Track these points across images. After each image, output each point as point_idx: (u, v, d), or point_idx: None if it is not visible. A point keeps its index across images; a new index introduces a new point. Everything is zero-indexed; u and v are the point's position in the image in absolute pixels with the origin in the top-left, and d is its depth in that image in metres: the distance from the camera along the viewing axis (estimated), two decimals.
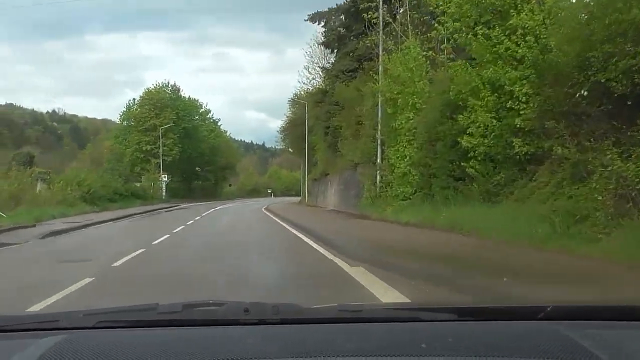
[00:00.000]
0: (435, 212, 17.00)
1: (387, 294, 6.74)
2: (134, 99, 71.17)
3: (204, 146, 79.19)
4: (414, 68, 21.14)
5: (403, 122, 21.11)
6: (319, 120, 34.40)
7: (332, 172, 34.69)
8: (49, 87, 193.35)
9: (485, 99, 15.11)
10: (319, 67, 44.07)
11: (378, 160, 24.19)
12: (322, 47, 39.59)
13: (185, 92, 77.73)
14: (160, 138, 65.27)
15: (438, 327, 1.73)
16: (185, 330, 1.70)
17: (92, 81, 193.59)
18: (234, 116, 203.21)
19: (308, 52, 55.11)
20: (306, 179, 51.89)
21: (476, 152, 15.65)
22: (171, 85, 73.91)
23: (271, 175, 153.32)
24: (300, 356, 1.46)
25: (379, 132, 24.03)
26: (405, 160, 21.05)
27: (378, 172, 24.21)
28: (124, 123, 71.13)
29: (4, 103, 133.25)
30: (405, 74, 21.17)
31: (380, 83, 23.39)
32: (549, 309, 1.77)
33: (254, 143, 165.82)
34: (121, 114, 70.77)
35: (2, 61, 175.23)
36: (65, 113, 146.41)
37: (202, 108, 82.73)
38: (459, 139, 16.07)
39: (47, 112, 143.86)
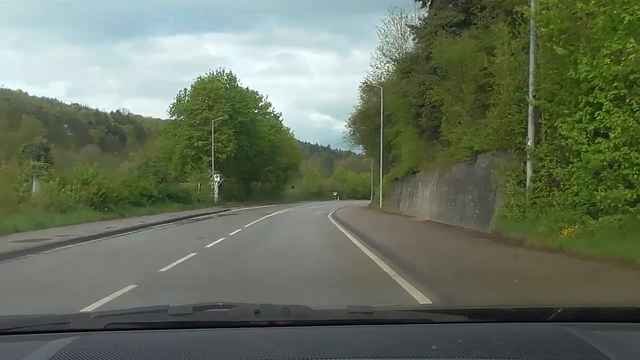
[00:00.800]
0: None
1: None
2: (185, 90, 63.40)
3: (263, 143, 70.59)
4: None
5: (599, 65, 10.87)
6: (409, 97, 24.40)
7: (425, 168, 24.66)
8: (115, 88, 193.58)
9: None
10: (406, 24, 34.25)
11: (529, 143, 14.04)
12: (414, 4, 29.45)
13: (243, 83, 68.92)
14: (212, 132, 56.97)
15: (449, 328, 1.72)
16: (196, 332, 1.68)
17: (158, 82, 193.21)
18: (299, 118, 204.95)
19: (382, 31, 45.54)
20: (381, 179, 42.02)
21: None
22: (226, 74, 65.67)
23: (336, 177, 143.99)
24: (311, 357, 1.45)
25: (530, 94, 13.90)
26: (606, 140, 10.84)
27: (528, 161, 14.10)
28: (174, 117, 63.43)
29: (69, 103, 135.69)
30: None
31: (535, 5, 13.30)
32: (559, 310, 1.77)
33: (319, 145, 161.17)
34: (171, 106, 63.14)
35: (71, 62, 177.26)
36: (129, 113, 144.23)
37: (261, 101, 74.30)
38: None
39: (112, 112, 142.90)
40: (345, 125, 62.13)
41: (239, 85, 66.73)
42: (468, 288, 7.74)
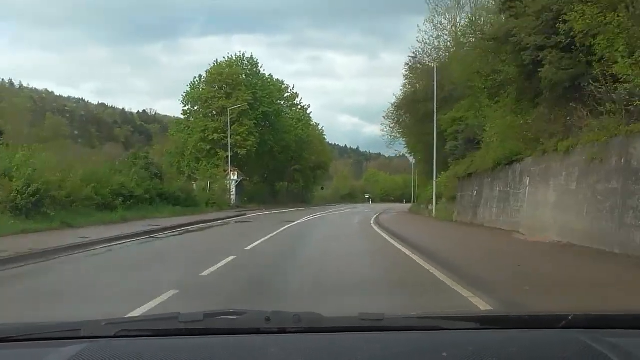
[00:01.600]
0: None
1: None
2: (200, 76, 54.62)
3: (289, 138, 61.55)
4: None
5: None
6: (508, 51, 14.98)
7: (542, 153, 15.05)
8: (144, 89, 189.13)
9: None
10: None
11: None
12: None
13: (266, 69, 60.06)
14: (229, 123, 48.13)
15: (459, 335, 1.70)
16: (206, 339, 1.67)
17: (187, 84, 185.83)
18: (328, 120, 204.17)
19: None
20: (435, 177, 32.51)
21: None
22: (247, 58, 56.76)
23: (368, 178, 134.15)
24: None
25: None
26: None
27: None
28: (187, 107, 54.76)
29: (96, 103, 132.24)
30: None
31: None
32: (570, 317, 1.74)
33: (348, 147, 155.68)
34: (184, 94, 54.47)
35: (101, 63, 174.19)
36: (156, 113, 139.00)
37: (287, 91, 65.29)
38: None
39: (138, 112, 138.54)
40: (384, 117, 52.71)
41: (262, 72, 57.85)
42: None
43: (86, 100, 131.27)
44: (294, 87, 67.54)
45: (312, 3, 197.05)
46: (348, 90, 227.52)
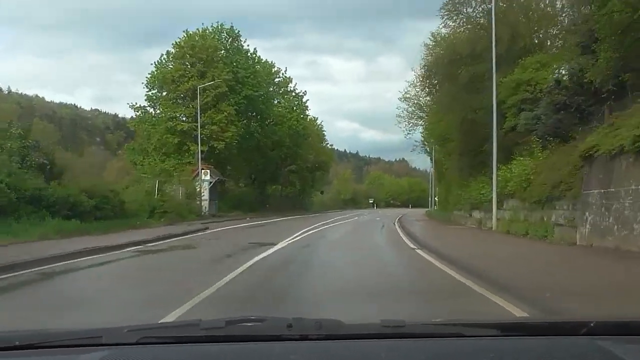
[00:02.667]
0: None
1: None
2: (167, 52, 42.83)
3: (282, 131, 49.79)
4: None
5: None
6: None
7: None
8: (142, 95, 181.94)
9: None
10: None
11: None
12: None
13: (250, 45, 48.20)
14: (198, 106, 36.41)
15: (480, 343, 1.68)
16: (228, 346, 1.67)
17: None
18: (327, 125, 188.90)
19: None
20: (494, 168, 20.68)
21: None
22: (226, 29, 45.00)
23: (372, 182, 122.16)
24: None
25: None
26: None
27: None
28: (153, 92, 42.98)
29: (89, 109, 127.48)
30: None
31: None
32: (592, 324, 1.72)
33: (348, 152, 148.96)
34: (148, 76, 42.70)
35: (98, 70, 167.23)
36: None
37: (279, 75, 53.62)
38: None
39: (131, 117, 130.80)
40: (400, 98, 41.00)
41: (246, 47, 46.12)
42: None
43: (79, 106, 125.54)
44: (286, 71, 54.60)
45: (311, 7, 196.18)
46: (347, 95, 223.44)
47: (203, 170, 35.06)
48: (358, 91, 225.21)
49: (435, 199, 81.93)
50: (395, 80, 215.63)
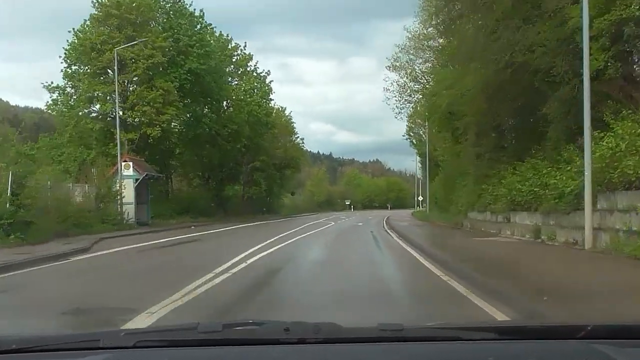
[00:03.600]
0: None
1: None
2: (90, 15, 32.84)
3: (240, 119, 40.24)
4: None
5: None
6: None
7: None
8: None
9: None
10: None
11: None
12: None
13: (196, 7, 38.32)
14: (116, 76, 26.74)
15: (478, 346, 1.66)
16: (225, 349, 1.63)
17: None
18: (300, 128, 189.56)
19: None
20: (588, 144, 11.69)
21: None
22: None
23: (349, 182, 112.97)
24: None
25: None
26: None
27: None
28: (73, 68, 32.98)
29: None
30: None
31: None
32: (589, 328, 1.69)
33: (321, 153, 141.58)
34: (67, 47, 32.69)
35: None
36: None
37: (237, 53, 43.99)
38: None
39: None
40: (407, 33, 31.88)
41: (193, 11, 36.34)
42: None
43: (44, 109, 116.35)
44: (245, 46, 44.87)
45: (281, 9, 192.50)
46: (319, 96, 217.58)
47: (124, 163, 25.37)
48: (331, 93, 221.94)
49: (419, 198, 73.61)
50: (367, 81, 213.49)
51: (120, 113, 28.53)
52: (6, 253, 11.51)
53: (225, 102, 39.58)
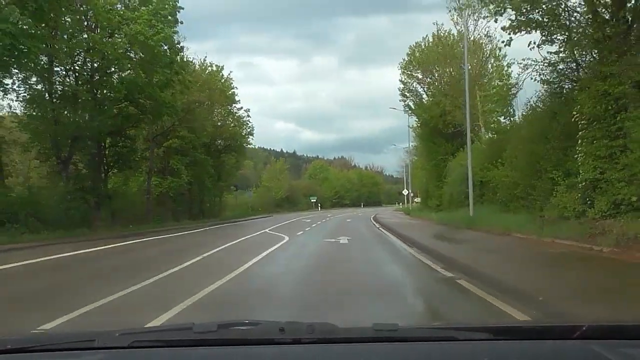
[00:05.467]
0: None
1: None
2: None
3: (112, 50, 22.29)
4: None
5: None
6: None
7: None
8: None
9: None
10: None
11: None
12: None
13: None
14: None
15: (473, 346, 1.63)
16: (220, 349, 1.62)
17: None
18: (264, 127, 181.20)
19: None
20: None
21: None
22: None
23: (314, 174, 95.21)
24: None
25: None
26: None
27: None
28: None
29: None
30: None
31: None
32: (584, 328, 1.65)
33: (285, 151, 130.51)
34: None
35: None
36: None
37: None
38: None
39: None
40: None
41: None
42: None
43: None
44: None
45: (240, 8, 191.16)
46: (282, 95, 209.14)
47: None
48: (294, 91, 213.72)
49: (405, 192, 56.81)
50: (329, 79, 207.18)
51: None
52: None
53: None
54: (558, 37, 12.89)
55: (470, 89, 21.26)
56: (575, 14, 12.43)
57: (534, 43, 13.10)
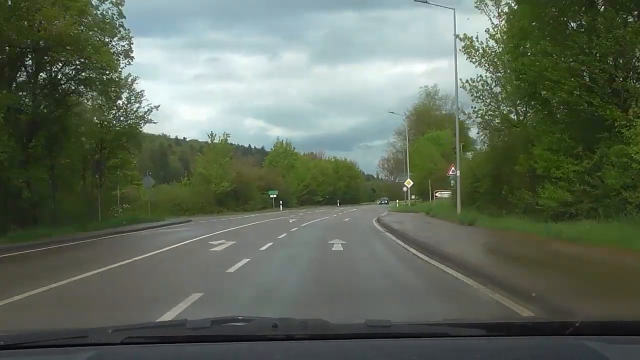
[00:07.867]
0: None
1: None
2: None
3: None
4: None
5: None
6: None
7: None
8: None
9: None
10: None
11: None
12: None
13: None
14: None
15: (466, 343, 1.63)
16: (213, 346, 1.62)
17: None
18: (233, 124, 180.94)
19: None
20: None
21: None
22: None
23: (274, 160, 76.65)
24: None
25: None
26: None
27: None
28: None
29: None
30: None
31: None
32: (577, 324, 1.68)
33: (252, 147, 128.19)
34: None
35: None
36: None
37: None
38: None
39: None
40: None
41: None
42: None
43: None
44: None
45: (208, 3, 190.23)
46: (251, 92, 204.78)
47: None
48: (263, 88, 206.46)
49: (410, 183, 44.12)
50: (298, 75, 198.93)
51: None
52: None
53: None
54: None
55: None
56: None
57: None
